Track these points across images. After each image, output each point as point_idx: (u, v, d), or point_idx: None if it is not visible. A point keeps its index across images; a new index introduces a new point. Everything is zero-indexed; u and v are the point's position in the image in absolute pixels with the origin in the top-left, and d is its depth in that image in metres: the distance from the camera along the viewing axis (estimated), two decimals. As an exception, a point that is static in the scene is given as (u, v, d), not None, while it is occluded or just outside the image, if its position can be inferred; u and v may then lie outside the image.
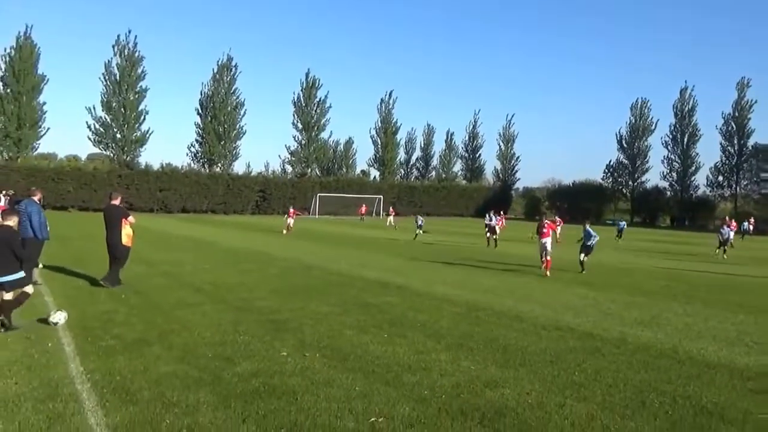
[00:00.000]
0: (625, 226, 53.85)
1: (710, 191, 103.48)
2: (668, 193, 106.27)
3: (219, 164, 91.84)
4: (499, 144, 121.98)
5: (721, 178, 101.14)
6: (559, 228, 36.69)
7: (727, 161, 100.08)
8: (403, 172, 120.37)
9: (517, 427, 7.02)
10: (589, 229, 24.85)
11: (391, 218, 57.87)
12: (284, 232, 44.50)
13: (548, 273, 22.53)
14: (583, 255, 24.34)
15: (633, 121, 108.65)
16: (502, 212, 43.67)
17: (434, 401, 7.78)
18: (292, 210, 47.58)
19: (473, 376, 8.96)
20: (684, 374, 9.54)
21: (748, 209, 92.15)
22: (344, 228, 51.77)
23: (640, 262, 30.76)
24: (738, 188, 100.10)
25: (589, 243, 24.47)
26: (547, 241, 23.56)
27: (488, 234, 38.90)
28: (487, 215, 40.55)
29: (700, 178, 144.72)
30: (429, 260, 27.30)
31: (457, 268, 24.35)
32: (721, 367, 10.11)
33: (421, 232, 43.37)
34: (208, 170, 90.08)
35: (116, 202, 17.29)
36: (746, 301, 17.75)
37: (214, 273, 20.27)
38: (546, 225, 24.12)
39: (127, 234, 16.90)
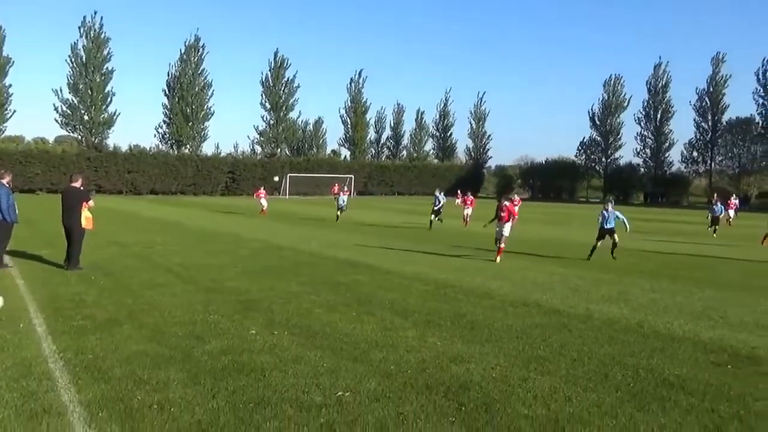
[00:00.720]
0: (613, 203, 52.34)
1: (684, 167, 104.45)
2: (642, 169, 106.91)
3: (187, 145, 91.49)
4: (470, 122, 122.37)
5: (695, 154, 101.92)
6: (517, 208, 36.60)
7: (702, 137, 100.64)
8: (373, 151, 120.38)
9: (481, 400, 7.15)
10: (611, 211, 22.38)
11: (344, 197, 57.23)
12: (261, 212, 44.30)
13: (498, 260, 20.23)
14: (609, 240, 22.05)
15: (606, 97, 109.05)
16: (469, 192, 42.51)
17: (400, 376, 7.91)
18: (262, 191, 47.35)
19: (439, 352, 9.10)
20: (648, 348, 9.72)
21: (723, 185, 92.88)
22: (315, 208, 51.78)
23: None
24: (713, 164, 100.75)
25: (608, 225, 22.08)
26: (507, 226, 21.15)
27: (433, 216, 35.65)
28: (436, 195, 36.98)
29: (674, 155, 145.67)
30: (400, 239, 27.44)
31: (428, 246, 24.46)
32: (685, 340, 10.30)
33: (339, 213, 40.45)
34: (176, 152, 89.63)
35: (76, 184, 17.15)
36: (715, 277, 18.02)
37: (184, 254, 20.27)
38: (504, 208, 21.32)
39: (86, 217, 16.80)
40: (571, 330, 10.87)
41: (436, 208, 35.64)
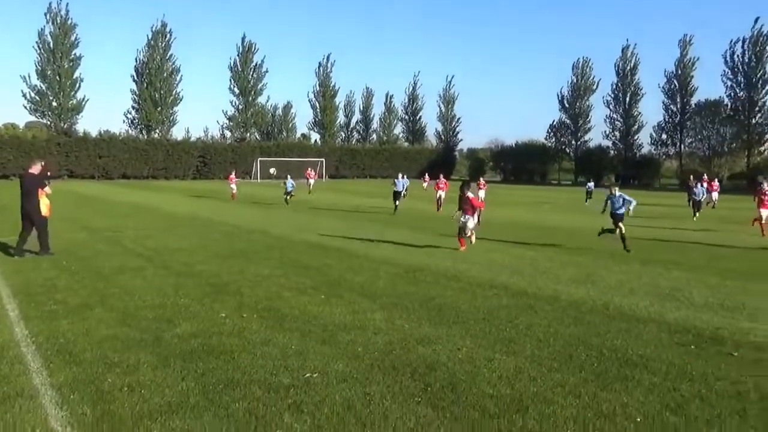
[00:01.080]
0: (593, 187, 51.46)
1: (654, 150, 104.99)
2: (612, 152, 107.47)
3: (157, 130, 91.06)
4: (439, 106, 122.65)
5: (664, 136, 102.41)
6: (482, 192, 36.46)
7: (671, 120, 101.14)
8: (343, 135, 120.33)
9: (447, 380, 7.29)
10: (618, 194, 20.15)
11: (311, 181, 56.94)
12: (232, 196, 44.14)
13: (463, 249, 18.74)
14: (614, 228, 20.06)
15: (575, 80, 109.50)
16: (442, 176, 42.16)
17: (367, 357, 8.04)
18: (233, 176, 47.22)
19: (407, 334, 9.23)
20: (613, 329, 9.88)
21: (694, 167, 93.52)
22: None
23: (587, 221, 30.99)
24: (683, 146, 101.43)
25: (618, 211, 20.02)
26: (469, 219, 19.22)
27: (396, 201, 34.71)
28: (397, 179, 35.92)
29: (644, 137, 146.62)
30: (371, 223, 27.55)
31: (398, 230, 24.57)
32: (650, 321, 10.48)
33: (288, 197, 39.58)
34: (146, 136, 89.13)
35: (34, 170, 17.08)
36: (683, 259, 18.15)
37: (156, 238, 20.25)
38: (469, 199, 19.30)
39: (45, 204, 16.72)
40: (538, 311, 11.02)
41: (397, 190, 35.10)
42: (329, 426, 5.95)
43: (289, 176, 41.06)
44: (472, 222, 19.33)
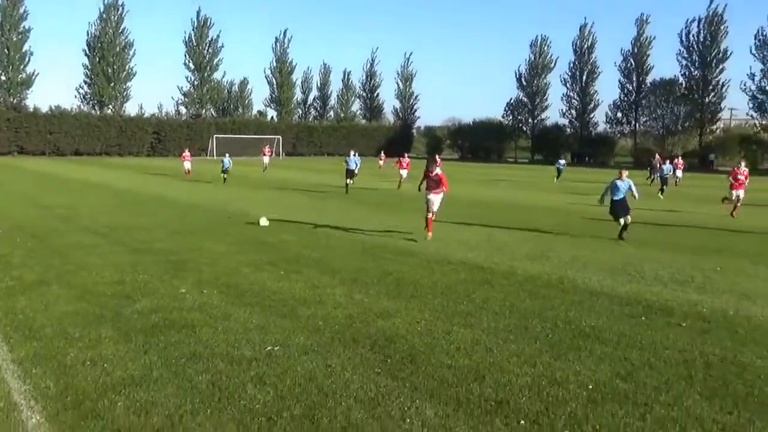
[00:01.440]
0: (565, 165, 51.29)
1: (609, 128, 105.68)
2: (568, 130, 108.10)
3: (110, 106, 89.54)
4: (397, 83, 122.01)
5: (620, 114, 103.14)
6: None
7: (626, 98, 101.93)
8: (300, 112, 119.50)
9: (406, 352, 7.46)
10: (627, 181, 18.09)
11: (265, 159, 56.17)
12: (186, 173, 43.64)
13: (430, 235, 16.80)
14: (620, 219, 17.86)
15: (532, 58, 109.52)
16: (406, 154, 41.55)
17: (328, 331, 8.17)
18: (187, 153, 46.61)
19: (366, 308, 9.38)
20: (567, 301, 10.16)
21: (648, 146, 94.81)
22: (242, 169, 51.22)
23: (543, 198, 31.34)
24: (637, 125, 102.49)
25: (617, 198, 17.93)
26: (437, 198, 17.35)
27: (348, 180, 33.09)
28: (349, 157, 34.38)
29: (600, 116, 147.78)
30: (328, 200, 27.59)
31: (356, 208, 24.69)
32: (603, 294, 10.78)
33: (225, 175, 38.38)
34: (99, 112, 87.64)
35: None
36: (636, 234, 18.43)
37: (110, 215, 20.11)
38: (438, 176, 17.38)
39: None
40: (494, 286, 11.25)
41: (349, 168, 33.73)
42: (292, 396, 6.07)
43: (227, 154, 40.89)
44: (438, 201, 17.33)
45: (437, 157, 19.18)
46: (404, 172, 38.04)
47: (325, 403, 5.96)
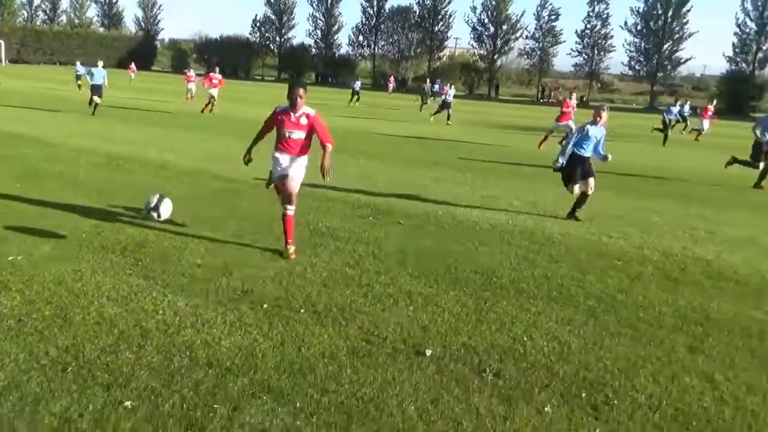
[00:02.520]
0: (360, 87, 49.45)
1: (352, 51, 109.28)
2: (313, 50, 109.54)
3: None
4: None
5: (361, 38, 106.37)
6: (215, 90, 31.82)
7: (368, 22, 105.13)
8: (26, 14, 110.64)
9: (157, 254, 7.75)
10: (597, 128, 11.73)
11: (132, 75, 51.25)
12: None
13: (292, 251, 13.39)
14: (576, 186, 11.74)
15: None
16: (218, 69, 33.62)
17: (75, 239, 8.17)
18: None
19: (114, 217, 9.45)
20: (306, 206, 10.81)
21: (385, 69, 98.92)
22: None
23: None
24: (377, 49, 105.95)
25: (581, 153, 11.69)
26: (297, 169, 8.96)
27: (95, 97, 25.97)
28: (96, 68, 27.17)
29: (343, 38, 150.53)
30: (64, 112, 25.99)
31: (97, 120, 23.84)
32: (338, 200, 11.78)
33: None
34: None
35: None
36: (373, 150, 19.44)
37: None
38: (314, 128, 8.93)
39: None
40: (241, 194, 11.83)
41: (95, 84, 26.47)
42: (41, 300, 6.14)
43: None
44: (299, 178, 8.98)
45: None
46: (214, 91, 31.83)
47: (78, 303, 6.12)
